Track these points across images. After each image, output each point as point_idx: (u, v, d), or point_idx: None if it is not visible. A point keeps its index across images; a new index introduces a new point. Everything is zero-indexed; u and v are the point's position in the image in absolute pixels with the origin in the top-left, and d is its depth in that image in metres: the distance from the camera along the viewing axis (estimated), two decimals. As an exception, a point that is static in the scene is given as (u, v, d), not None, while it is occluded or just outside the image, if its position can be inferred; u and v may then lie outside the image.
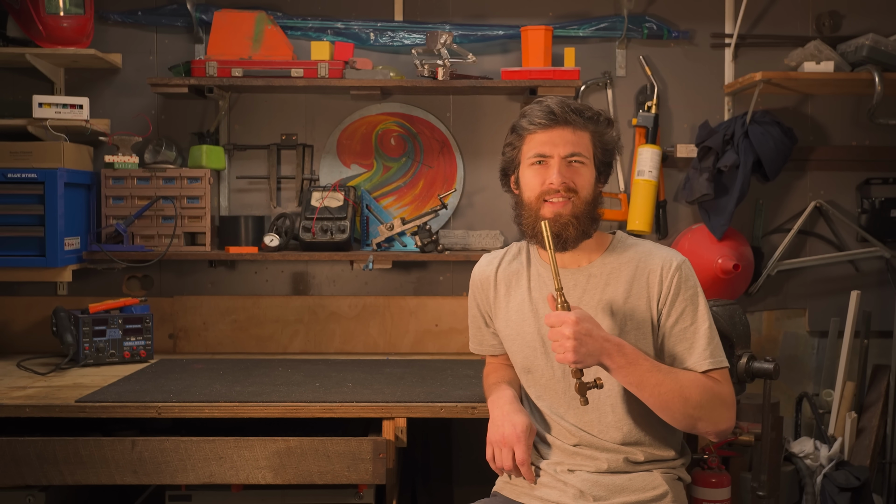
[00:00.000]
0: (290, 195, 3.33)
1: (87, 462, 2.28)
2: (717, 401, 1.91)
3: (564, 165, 1.96)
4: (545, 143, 1.97)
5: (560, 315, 1.81)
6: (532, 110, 1.99)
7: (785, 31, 3.30)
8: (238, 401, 2.38)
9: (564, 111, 1.96)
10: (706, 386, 1.90)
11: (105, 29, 3.26)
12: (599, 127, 2.00)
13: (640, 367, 1.85)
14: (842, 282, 3.34)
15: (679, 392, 1.87)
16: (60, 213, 2.92)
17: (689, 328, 1.95)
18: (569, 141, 1.96)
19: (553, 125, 1.96)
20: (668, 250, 2.03)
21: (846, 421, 3.10)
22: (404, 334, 3.28)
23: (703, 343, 1.94)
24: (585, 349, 1.80)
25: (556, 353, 1.82)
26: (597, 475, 1.98)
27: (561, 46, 3.18)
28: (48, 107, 2.98)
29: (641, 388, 1.87)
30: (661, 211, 3.28)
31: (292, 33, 3.25)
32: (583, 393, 1.84)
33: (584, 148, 1.98)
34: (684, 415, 1.88)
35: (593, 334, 1.81)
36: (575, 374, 1.84)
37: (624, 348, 1.85)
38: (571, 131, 1.96)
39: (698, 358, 1.94)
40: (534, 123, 1.97)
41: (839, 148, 3.32)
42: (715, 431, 1.93)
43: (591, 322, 1.83)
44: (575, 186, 1.95)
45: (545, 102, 1.98)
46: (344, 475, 2.29)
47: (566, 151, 1.96)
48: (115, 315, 2.94)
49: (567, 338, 1.79)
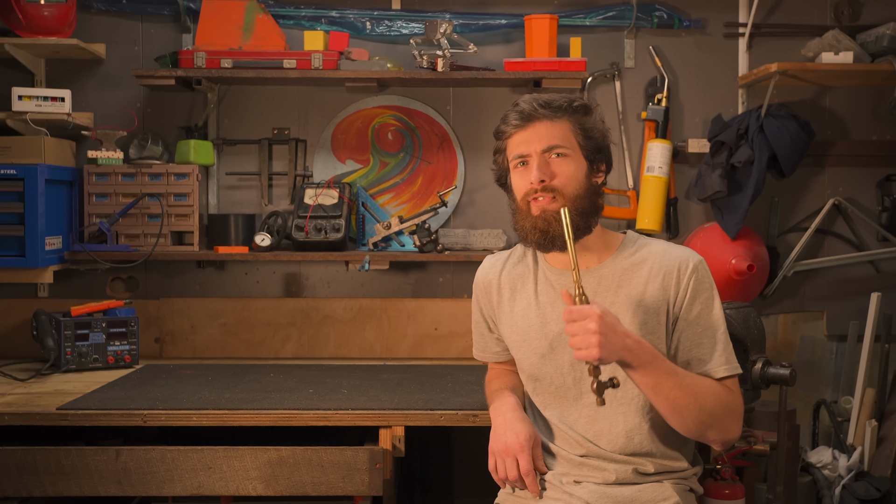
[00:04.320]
0: (282, 192, 3.34)
1: (69, 472, 2.28)
2: (728, 410, 1.92)
3: (543, 161, 1.98)
4: (522, 142, 2.01)
5: (582, 309, 1.79)
6: (507, 114, 2.04)
7: (802, 20, 3.31)
8: (228, 408, 2.38)
9: (534, 107, 1.99)
10: (720, 394, 1.92)
11: (88, 18, 3.26)
12: (576, 115, 2.02)
13: (659, 367, 1.85)
14: (861, 283, 3.34)
15: (695, 398, 1.87)
16: (41, 212, 2.93)
17: (705, 332, 1.97)
18: (544, 135, 1.99)
19: (527, 123, 2.00)
20: (684, 249, 2.04)
21: (866, 429, 3.09)
22: (402, 338, 3.29)
23: (719, 349, 1.95)
24: (610, 345, 1.78)
25: (577, 348, 1.79)
26: (604, 487, 1.98)
27: (566, 36, 3.20)
28: (28, 99, 2.99)
29: (657, 391, 1.86)
30: (671, 209, 3.29)
31: (284, 22, 3.25)
32: (600, 392, 1.81)
33: (562, 139, 1.99)
34: (696, 422, 1.89)
35: (617, 329, 1.80)
36: (593, 372, 1.81)
37: (644, 346, 1.85)
38: (546, 125, 1.99)
39: (714, 364, 1.95)
40: (510, 125, 2.02)
41: (859, 143, 3.33)
42: (723, 441, 1.95)
43: (613, 316, 1.82)
44: (555, 184, 1.97)
45: (517, 102, 2.03)
46: (339, 486, 2.29)
47: (542, 146, 1.99)
48: (98, 318, 2.94)
49: (592, 332, 1.76)
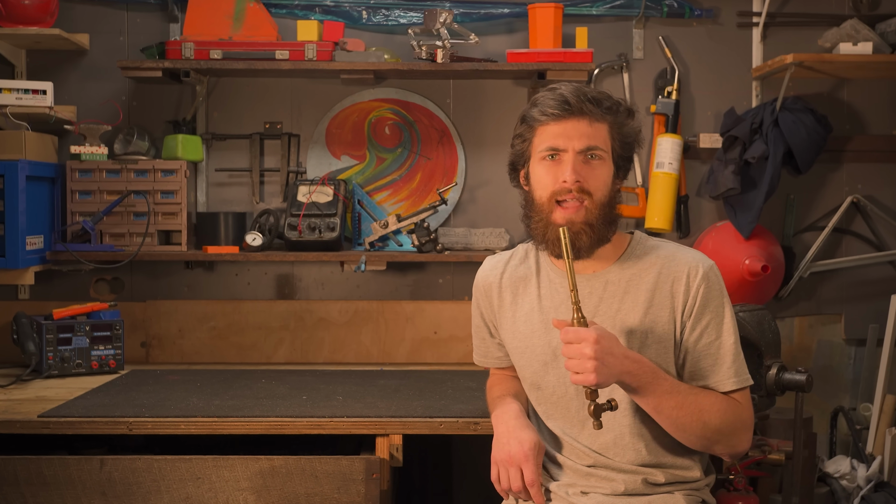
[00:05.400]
0: (274, 189, 3.37)
1: (51, 483, 2.30)
2: (737, 424, 1.96)
3: (580, 161, 1.96)
4: (558, 135, 1.97)
5: (578, 332, 1.82)
6: (544, 98, 1.99)
7: (819, 9, 3.34)
8: (217, 416, 2.41)
9: (580, 100, 1.95)
10: (727, 409, 1.95)
11: (71, 7, 3.29)
12: (619, 117, 2.01)
13: (659, 387, 1.89)
14: (881, 285, 3.37)
15: (698, 416, 1.91)
16: (22, 210, 2.94)
17: (714, 343, 1.98)
18: (584, 133, 1.96)
19: (567, 116, 1.96)
20: (694, 253, 2.04)
21: (886, 437, 3.11)
22: (400, 342, 3.31)
23: (728, 360, 1.97)
24: (607, 369, 1.82)
25: (573, 372, 1.83)
26: (613, 498, 1.99)
27: (572, 26, 3.22)
28: (8, 92, 3.00)
29: (659, 411, 1.91)
30: (682, 207, 3.32)
31: (277, 11, 3.29)
32: (597, 416, 1.86)
33: (602, 141, 1.98)
34: (701, 437, 1.94)
35: (615, 352, 1.84)
36: (590, 396, 1.86)
37: (644, 366, 1.88)
38: (588, 123, 1.97)
39: (722, 377, 1.97)
40: (546, 114, 1.97)
41: (878, 138, 3.36)
42: (730, 454, 2.00)
43: (611, 339, 1.85)
44: (589, 187, 1.96)
45: (559, 90, 1.98)
46: (333, 497, 2.32)
47: (582, 145, 1.96)
48: (81, 321, 2.97)
49: (588, 358, 1.80)
